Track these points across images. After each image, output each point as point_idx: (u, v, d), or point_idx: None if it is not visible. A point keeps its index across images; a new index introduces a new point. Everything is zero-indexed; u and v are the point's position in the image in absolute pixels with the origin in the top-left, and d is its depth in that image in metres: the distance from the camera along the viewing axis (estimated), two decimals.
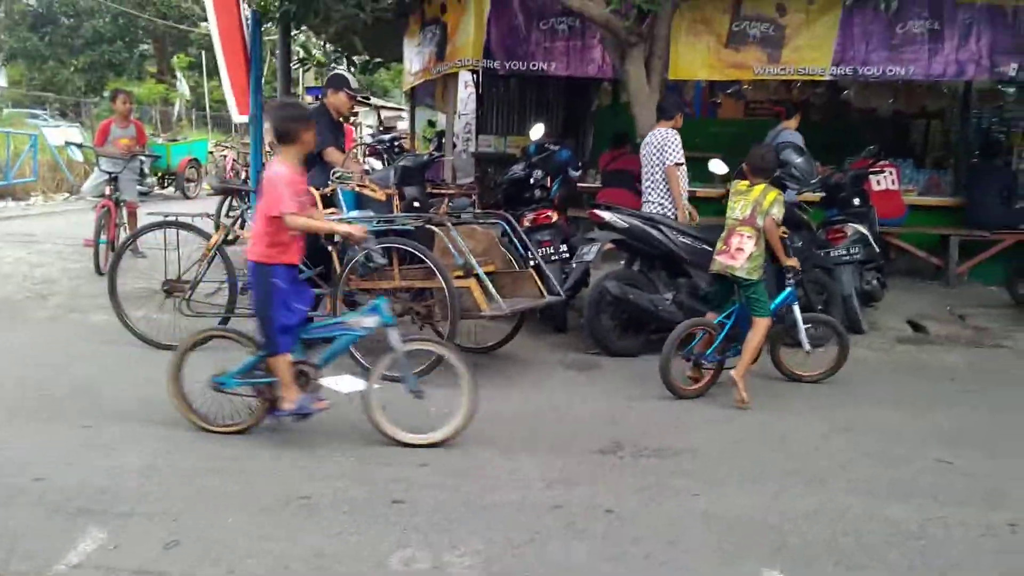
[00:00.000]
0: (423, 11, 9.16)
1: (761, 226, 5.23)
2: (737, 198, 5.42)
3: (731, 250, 5.28)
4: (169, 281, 6.17)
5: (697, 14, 8.34)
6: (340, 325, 4.48)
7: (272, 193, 4.09)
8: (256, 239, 4.21)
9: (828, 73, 8.40)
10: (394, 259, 5.58)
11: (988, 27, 8.07)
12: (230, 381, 4.36)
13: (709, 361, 5.38)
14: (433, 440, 4.31)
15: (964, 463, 4.31)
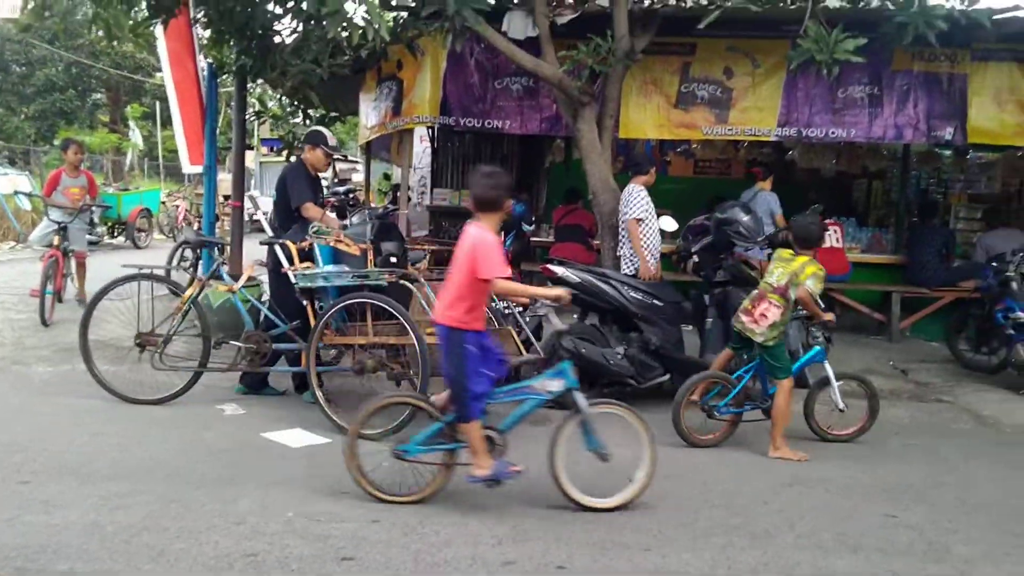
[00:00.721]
0: (380, 68, 9.27)
1: (791, 298, 5.41)
2: (778, 264, 5.60)
3: (755, 314, 5.46)
4: (142, 334, 6.07)
5: (648, 75, 8.56)
6: (526, 389, 4.39)
7: (487, 257, 4.03)
8: (453, 304, 4.14)
9: (774, 134, 8.66)
10: (368, 315, 5.57)
11: (924, 93, 8.40)
12: (413, 448, 4.29)
13: (722, 413, 5.53)
14: (613, 504, 4.28)
15: (908, 516, 4.40)
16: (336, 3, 5.56)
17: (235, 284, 6.14)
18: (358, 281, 5.63)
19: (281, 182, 6.51)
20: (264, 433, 5.36)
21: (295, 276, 5.78)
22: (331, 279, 5.72)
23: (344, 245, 5.83)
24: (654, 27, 7.70)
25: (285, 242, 5.97)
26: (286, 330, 5.97)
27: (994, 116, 8.40)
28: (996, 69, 8.35)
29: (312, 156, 6.50)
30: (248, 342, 5.96)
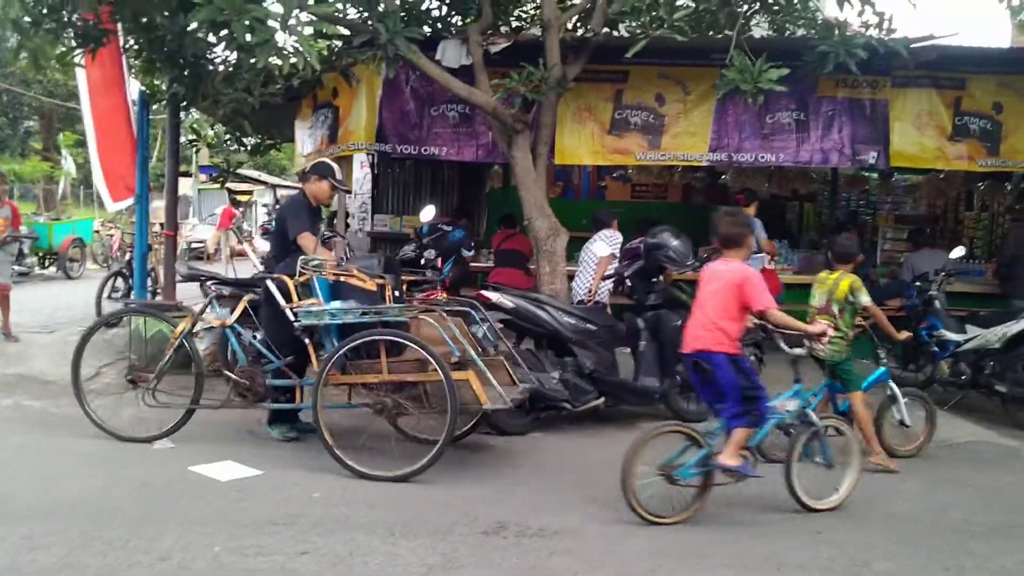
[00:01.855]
0: (315, 95, 9.25)
1: (836, 312, 5.66)
2: (817, 287, 5.90)
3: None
4: (133, 370, 5.93)
5: (582, 102, 8.68)
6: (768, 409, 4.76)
7: (761, 291, 4.51)
8: (726, 333, 4.52)
9: (705, 159, 8.84)
10: (382, 352, 5.32)
11: (848, 119, 8.66)
12: (686, 473, 4.53)
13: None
14: (831, 506, 4.83)
15: (833, 533, 4.49)
16: (266, 33, 5.54)
17: (228, 318, 5.91)
18: (372, 317, 5.38)
19: (281, 213, 6.34)
20: (193, 467, 5.26)
21: (296, 314, 5.52)
22: (339, 316, 5.43)
23: (357, 280, 5.63)
24: (586, 55, 7.83)
25: (281, 277, 5.73)
26: (280, 366, 5.76)
27: (915, 140, 8.69)
28: (915, 95, 8.65)
29: (317, 188, 6.21)
30: (242, 377, 5.76)
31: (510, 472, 5.42)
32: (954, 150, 8.68)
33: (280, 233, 6.19)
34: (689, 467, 4.52)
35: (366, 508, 4.61)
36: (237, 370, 5.79)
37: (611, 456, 5.73)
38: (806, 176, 12.04)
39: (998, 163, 8.80)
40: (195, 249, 21.03)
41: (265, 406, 5.91)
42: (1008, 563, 4.21)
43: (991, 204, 12.00)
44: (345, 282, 5.63)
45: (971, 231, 12.09)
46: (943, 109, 8.63)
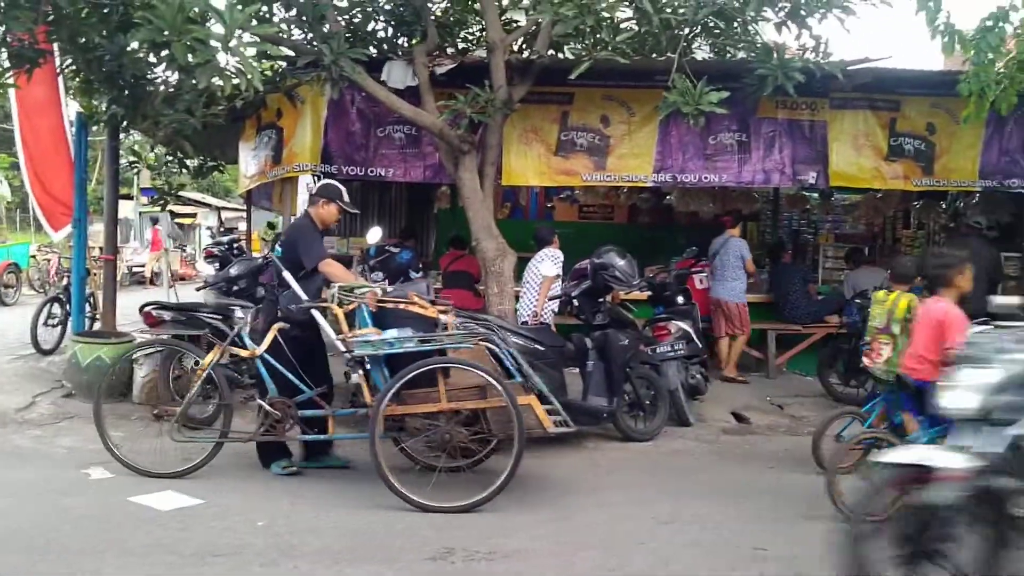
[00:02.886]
0: (259, 116, 9.15)
1: (897, 332, 5.75)
2: (876, 307, 6.02)
3: (872, 355, 5.91)
4: (159, 405, 5.76)
5: (528, 124, 8.72)
6: None
7: (960, 330, 4.63)
8: (930, 364, 4.85)
9: (650, 180, 8.93)
10: (440, 380, 5.16)
11: (789, 140, 8.84)
12: None
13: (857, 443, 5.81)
14: None
15: (778, 549, 4.53)
16: (206, 54, 5.47)
17: (257, 348, 5.63)
18: (432, 346, 5.22)
19: (291, 239, 6.03)
20: (132, 497, 5.11)
21: (349, 344, 5.29)
22: (398, 345, 5.22)
23: (419, 308, 5.46)
24: (532, 77, 7.88)
25: (331, 307, 5.51)
26: (312, 396, 5.57)
27: (852, 160, 8.90)
28: (852, 116, 8.87)
29: (325, 211, 5.98)
30: (274, 408, 5.52)
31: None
32: (890, 170, 8.91)
33: (289, 261, 5.83)
34: None
35: (312, 536, 4.53)
36: (268, 400, 5.54)
37: (560, 475, 5.78)
38: (749, 196, 12.24)
39: (932, 182, 9.05)
40: (136, 273, 20.61)
41: (297, 438, 5.69)
42: None
43: (927, 222, 12.33)
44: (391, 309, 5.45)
45: (908, 248, 12.40)
46: (879, 130, 8.86)
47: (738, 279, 9.15)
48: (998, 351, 3.42)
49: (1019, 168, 8.80)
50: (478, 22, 9.36)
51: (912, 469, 3.37)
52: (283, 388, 5.57)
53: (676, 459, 6.03)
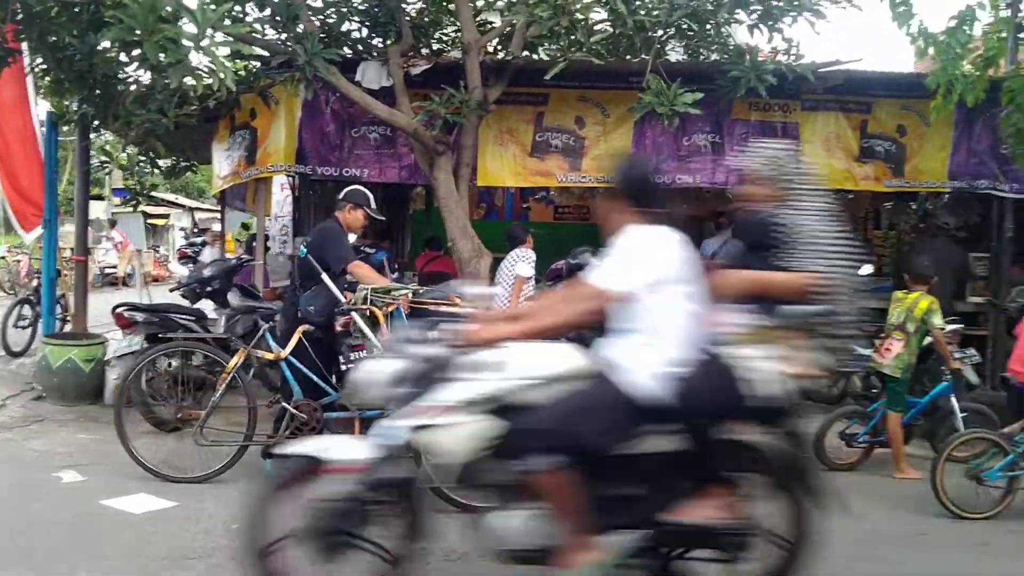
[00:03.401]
0: (232, 116, 9.09)
1: (911, 331, 6.00)
2: (895, 305, 6.23)
3: (882, 350, 6.11)
4: (182, 407, 5.69)
5: (503, 125, 8.74)
6: None
7: None
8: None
9: None
10: None
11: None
12: (994, 475, 5.25)
13: (859, 442, 6.33)
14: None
15: None
16: (178, 53, 5.43)
17: (282, 351, 5.57)
18: None
19: (317, 242, 5.89)
20: (104, 500, 5.07)
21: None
22: None
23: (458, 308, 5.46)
24: (506, 78, 7.91)
25: (371, 309, 5.43)
26: (338, 399, 5.54)
27: (824, 162, 8.97)
28: (824, 118, 8.96)
29: (351, 217, 5.93)
30: (300, 411, 5.46)
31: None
32: (861, 171, 9.01)
33: (316, 261, 5.73)
34: (996, 471, 5.23)
35: None
36: (294, 403, 5.49)
37: None
38: (723, 197, 12.30)
39: (903, 183, 9.17)
40: (108, 275, 20.40)
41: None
42: (917, 570, 4.35)
43: (897, 223, 12.47)
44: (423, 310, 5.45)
45: (879, 249, 12.54)
46: (850, 132, 8.96)
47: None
48: (407, 342, 3.40)
49: (987, 170, 8.93)
50: (453, 23, 9.37)
51: (307, 461, 3.35)
52: (307, 390, 5.55)
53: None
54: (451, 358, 3.28)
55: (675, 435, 3.30)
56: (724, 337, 3.37)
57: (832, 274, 3.81)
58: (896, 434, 6.11)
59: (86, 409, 7.36)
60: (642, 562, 3.36)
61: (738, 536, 3.39)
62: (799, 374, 3.36)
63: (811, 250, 3.83)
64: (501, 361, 3.28)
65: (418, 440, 3.26)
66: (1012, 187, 8.80)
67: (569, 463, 3.14)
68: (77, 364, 7.50)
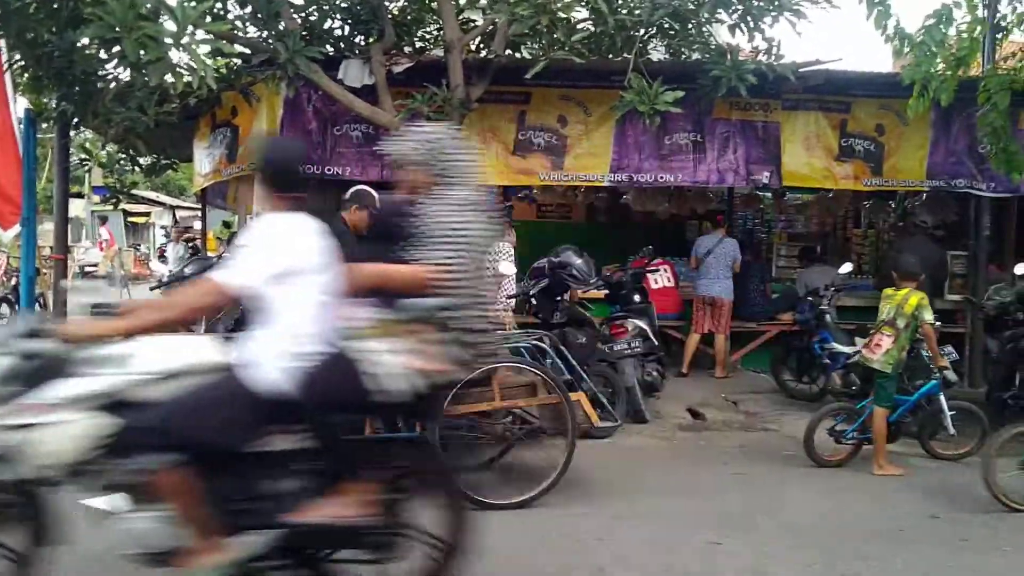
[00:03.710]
0: (214, 114, 9.05)
1: (901, 327, 6.03)
2: (885, 302, 6.27)
3: (871, 346, 6.20)
4: None
5: (486, 123, 8.74)
6: None
7: None
8: None
9: (606, 179, 9.00)
10: (494, 379, 5.18)
11: (742, 140, 8.97)
12: None
13: (848, 439, 6.32)
14: None
15: (731, 543, 4.61)
16: (158, 51, 5.40)
17: None
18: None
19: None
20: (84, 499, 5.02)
21: None
22: None
23: None
24: (489, 76, 7.91)
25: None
26: None
27: (804, 161, 9.06)
28: (804, 117, 9.03)
29: (357, 217, 6.01)
30: None
31: None
32: (841, 170, 9.08)
33: None
34: None
35: None
36: None
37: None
38: (704, 196, 12.37)
39: (882, 182, 9.25)
40: (88, 273, 20.25)
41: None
42: (899, 565, 4.40)
43: (877, 222, 12.58)
44: None
45: (859, 247, 12.65)
46: (830, 131, 9.03)
47: (729, 277, 9.33)
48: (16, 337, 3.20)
49: (965, 169, 9.02)
50: (435, 21, 9.36)
51: None
52: None
53: (633, 455, 6.10)
54: (68, 353, 3.14)
55: (300, 432, 3.25)
56: (350, 331, 3.27)
57: (455, 267, 3.66)
58: (880, 430, 6.15)
59: None
60: (280, 563, 3.27)
61: (381, 535, 3.32)
62: (427, 369, 3.21)
63: (440, 242, 3.69)
64: (126, 355, 3.16)
65: (10, 441, 3.08)
66: (989, 186, 8.91)
67: (186, 461, 3.05)
68: None
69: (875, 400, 6.17)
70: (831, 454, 6.38)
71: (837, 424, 6.38)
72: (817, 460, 6.32)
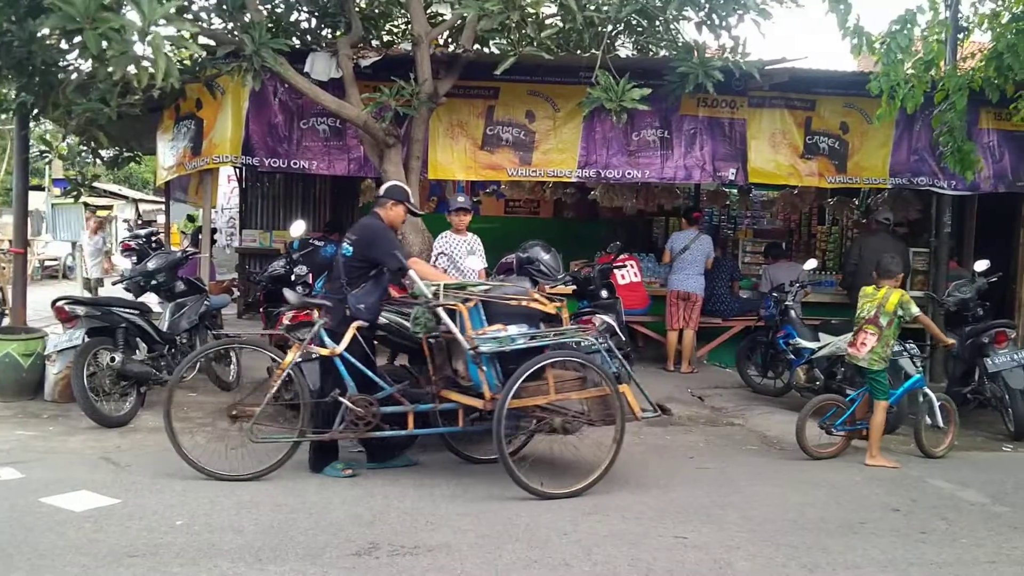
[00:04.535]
0: (177, 106, 8.93)
1: (883, 324, 6.19)
2: (864, 300, 6.42)
3: (856, 344, 6.37)
4: (236, 404, 5.54)
5: (454, 118, 8.74)
6: None
7: None
8: None
9: (574, 175, 9.05)
10: (548, 373, 5.33)
11: (709, 137, 9.05)
12: None
13: (838, 430, 6.47)
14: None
15: (697, 537, 4.65)
16: (121, 44, 5.31)
17: (337, 347, 5.49)
18: (549, 340, 5.48)
19: (366, 240, 5.77)
20: (44, 498, 4.95)
21: (476, 341, 5.25)
22: (517, 341, 5.36)
23: (540, 304, 5.61)
24: (457, 71, 7.89)
25: (457, 306, 5.39)
26: (391, 393, 5.54)
27: (770, 158, 9.16)
28: (770, 115, 9.13)
29: (394, 213, 5.93)
30: (356, 406, 5.43)
31: (382, 491, 5.35)
32: (806, 167, 9.20)
33: (360, 261, 5.72)
34: None
35: (233, 534, 4.46)
36: (349, 398, 5.45)
37: (484, 468, 5.81)
38: (671, 192, 12.47)
39: (845, 179, 9.38)
40: (48, 267, 19.90)
41: (377, 435, 5.55)
42: (858, 558, 4.46)
43: (840, 218, 12.75)
44: (493, 304, 5.53)
45: (823, 244, 12.81)
46: (795, 129, 9.14)
47: (702, 273, 9.46)
48: None
49: (927, 167, 9.17)
50: (403, 15, 9.33)
51: None
52: (361, 386, 5.56)
53: (600, 450, 6.10)
54: None
55: None
56: None
57: None
58: (879, 422, 6.31)
59: (25, 405, 7.17)
60: None
61: None
62: None
63: None
64: None
65: None
66: (950, 183, 9.06)
67: None
68: (15, 359, 7.29)
69: (873, 395, 6.34)
70: (824, 446, 6.55)
71: (827, 417, 6.52)
72: (809, 452, 6.46)
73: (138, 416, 6.84)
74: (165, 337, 7.30)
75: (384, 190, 6.15)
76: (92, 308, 6.98)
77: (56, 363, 7.19)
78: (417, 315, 5.55)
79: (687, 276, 9.43)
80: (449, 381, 5.73)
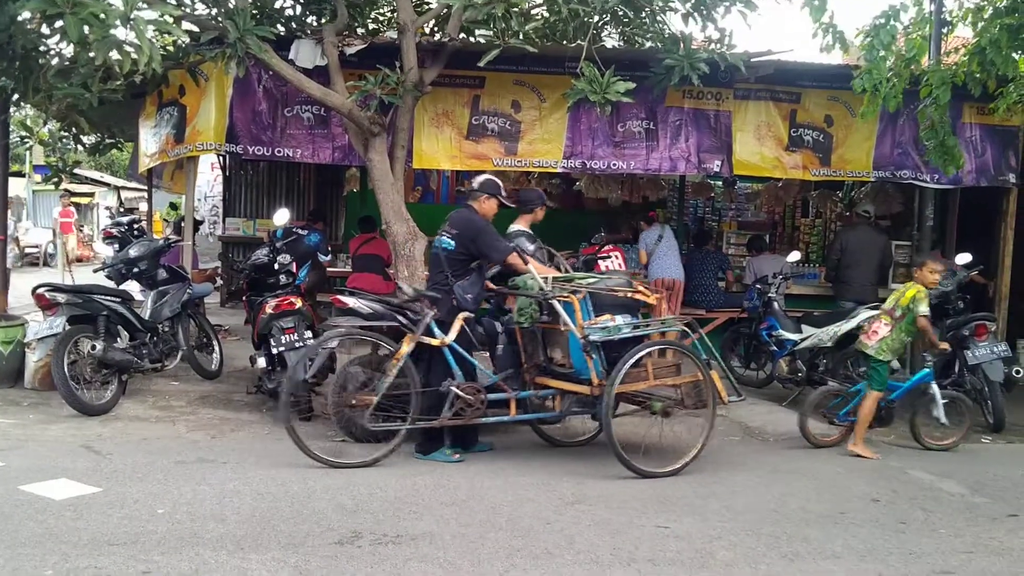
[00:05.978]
0: (160, 92, 8.82)
1: (897, 315, 6.33)
2: (894, 294, 6.56)
3: (869, 332, 6.49)
4: (352, 395, 5.73)
5: (440, 107, 8.69)
6: None
7: None
8: None
9: (560, 166, 9.02)
10: (648, 361, 5.69)
11: (694, 129, 9.04)
12: None
13: (841, 420, 6.64)
14: None
15: (678, 527, 4.67)
16: (103, 30, 5.25)
17: (446, 337, 5.73)
18: (652, 329, 5.90)
19: (469, 233, 6.00)
20: (23, 486, 4.92)
21: (588, 331, 5.58)
22: (623, 330, 5.71)
23: (642, 295, 5.92)
24: (443, 60, 7.85)
25: (570, 297, 5.65)
26: (497, 381, 5.86)
27: (755, 150, 9.17)
28: (755, 107, 9.13)
29: (487, 206, 6.16)
30: (464, 393, 5.67)
31: (366, 480, 5.35)
32: (790, 160, 9.21)
33: (462, 255, 5.99)
34: None
35: (215, 523, 4.45)
36: (458, 386, 5.69)
37: (468, 457, 5.82)
38: (656, 183, 12.48)
39: (829, 172, 9.41)
40: (29, 255, 19.73)
41: (481, 421, 5.84)
42: (838, 547, 4.50)
43: (824, 211, 12.81)
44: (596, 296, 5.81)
45: (806, 236, 12.88)
46: (780, 121, 9.15)
47: (680, 261, 9.56)
48: None
49: (910, 160, 9.21)
50: (389, 3, 9.27)
51: None
52: (468, 375, 5.83)
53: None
54: None
55: None
56: None
57: None
58: (868, 411, 6.37)
59: (5, 393, 7.13)
60: None
61: None
62: None
63: None
64: None
65: None
66: (933, 177, 9.11)
67: None
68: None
69: (870, 384, 6.42)
70: (828, 435, 6.68)
71: (831, 406, 6.66)
72: (814, 441, 6.59)
73: (119, 404, 6.82)
74: (147, 325, 7.26)
75: (478, 184, 6.37)
76: (73, 295, 6.92)
77: (36, 351, 7.15)
78: (522, 306, 5.86)
79: (669, 264, 9.46)
80: (541, 369, 6.06)
